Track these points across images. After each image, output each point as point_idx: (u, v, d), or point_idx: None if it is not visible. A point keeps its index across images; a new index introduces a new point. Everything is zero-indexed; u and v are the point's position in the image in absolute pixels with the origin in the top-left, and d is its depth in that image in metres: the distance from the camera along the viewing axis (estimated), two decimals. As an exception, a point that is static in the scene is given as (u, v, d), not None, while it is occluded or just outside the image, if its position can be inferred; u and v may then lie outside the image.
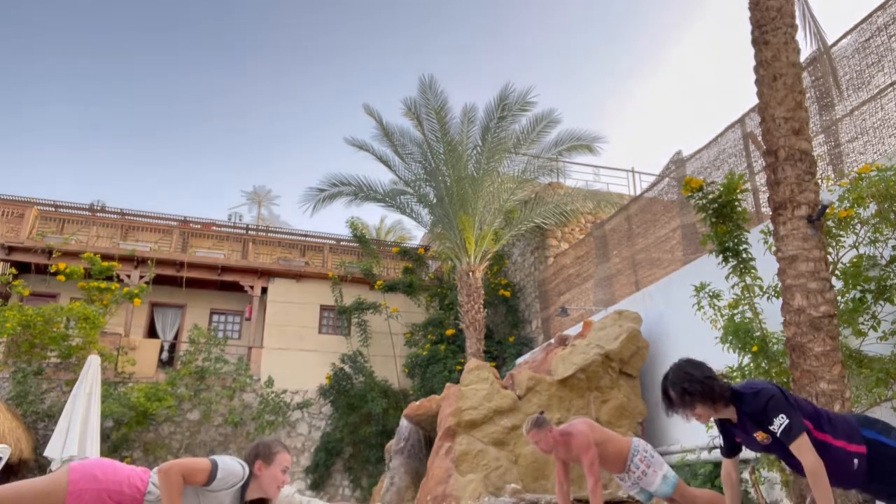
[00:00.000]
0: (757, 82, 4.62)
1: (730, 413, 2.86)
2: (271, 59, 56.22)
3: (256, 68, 56.09)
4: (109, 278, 13.69)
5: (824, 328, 4.02)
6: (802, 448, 2.59)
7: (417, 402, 8.96)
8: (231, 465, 2.96)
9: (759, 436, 2.77)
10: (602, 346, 8.08)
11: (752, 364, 5.24)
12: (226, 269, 16.44)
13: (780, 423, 2.64)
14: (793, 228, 4.22)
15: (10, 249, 14.82)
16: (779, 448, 2.77)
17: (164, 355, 16.11)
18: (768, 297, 5.17)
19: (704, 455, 6.74)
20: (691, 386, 2.81)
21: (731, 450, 3.01)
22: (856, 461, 2.68)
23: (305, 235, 18.78)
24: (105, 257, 14.43)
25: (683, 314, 6.97)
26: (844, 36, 6.73)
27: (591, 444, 4.57)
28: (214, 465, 2.90)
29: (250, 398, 14.78)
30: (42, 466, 11.69)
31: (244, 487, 3.00)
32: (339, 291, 16.68)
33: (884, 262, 4.68)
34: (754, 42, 4.67)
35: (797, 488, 4.55)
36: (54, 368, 13.26)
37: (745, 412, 2.79)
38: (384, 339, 16.47)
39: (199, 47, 53.88)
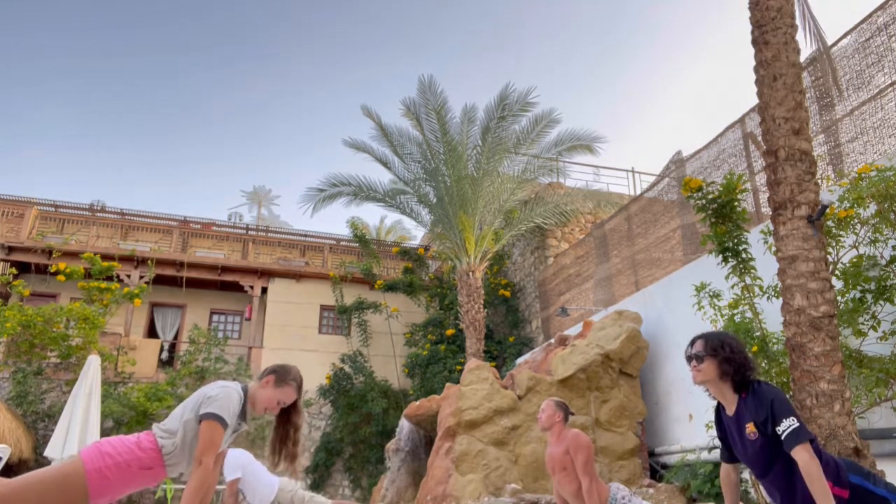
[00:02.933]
0: (757, 82, 4.62)
1: (730, 400, 2.84)
2: (272, 60, 56.24)
3: (257, 69, 56.11)
4: (109, 278, 13.68)
5: (824, 328, 4.02)
6: (802, 451, 2.55)
7: (417, 402, 8.96)
8: (229, 401, 2.88)
9: (750, 427, 2.73)
10: (602, 346, 8.07)
11: (752, 364, 5.23)
12: (226, 269, 16.44)
13: (789, 424, 2.58)
14: (793, 228, 4.22)
15: (10, 249, 14.83)
16: (756, 453, 2.72)
17: (164, 355, 16.11)
18: (768, 297, 5.16)
19: (704, 455, 6.74)
20: (718, 343, 2.80)
21: (730, 457, 3.00)
22: None
23: (305, 235, 18.79)
24: (105, 257, 14.42)
25: (683, 314, 6.97)
26: (844, 36, 6.73)
27: (590, 446, 4.55)
28: (223, 424, 2.83)
29: (250, 398, 14.76)
30: (42, 466, 11.69)
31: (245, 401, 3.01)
32: (340, 291, 16.67)
33: (884, 262, 4.68)
34: (754, 42, 4.67)
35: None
36: (54, 368, 13.26)
37: (746, 401, 2.76)
38: (384, 339, 16.47)
39: (200, 48, 53.90)
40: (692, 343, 2.91)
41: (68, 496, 2.54)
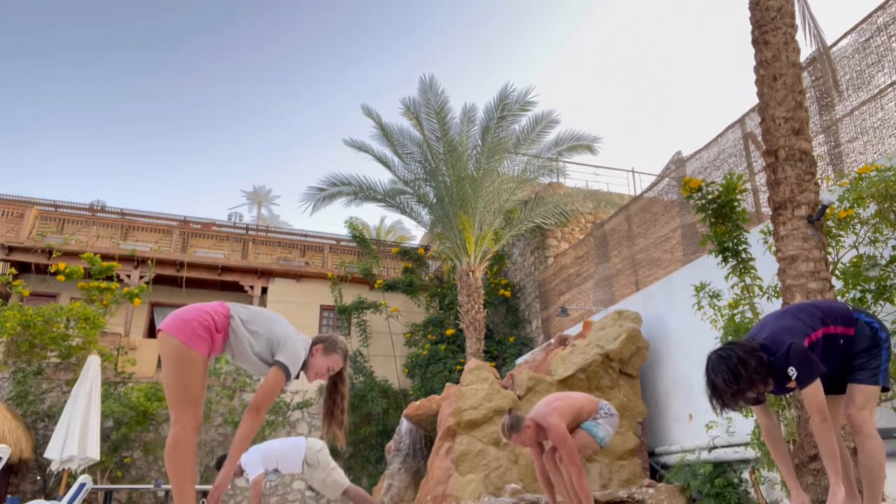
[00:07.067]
0: (757, 82, 4.62)
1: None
2: (271, 59, 56.26)
3: (256, 68, 56.12)
4: (109, 278, 13.68)
5: (824, 328, 4.02)
6: (812, 402, 2.82)
7: (417, 402, 8.96)
8: (298, 359, 3.06)
9: (791, 384, 2.95)
10: (602, 346, 8.07)
11: (752, 364, 5.23)
12: (226, 269, 16.44)
13: (792, 374, 2.86)
14: (793, 228, 4.23)
15: (10, 249, 14.83)
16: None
17: (165, 355, 16.08)
18: (768, 297, 5.16)
19: (704, 455, 6.74)
20: (735, 388, 2.90)
21: (758, 400, 3.11)
22: (842, 342, 3.00)
23: (305, 235, 18.78)
24: (105, 257, 14.43)
25: (683, 314, 6.97)
26: (844, 36, 6.73)
27: (566, 436, 4.56)
28: (288, 378, 3.01)
29: (250, 398, 14.75)
30: (42, 466, 11.70)
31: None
32: (339, 291, 16.67)
33: (884, 262, 4.68)
34: (754, 42, 4.67)
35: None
36: (54, 368, 13.26)
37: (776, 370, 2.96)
38: (384, 339, 16.47)
39: (199, 47, 53.93)
40: (722, 402, 2.96)
41: (184, 365, 2.92)
